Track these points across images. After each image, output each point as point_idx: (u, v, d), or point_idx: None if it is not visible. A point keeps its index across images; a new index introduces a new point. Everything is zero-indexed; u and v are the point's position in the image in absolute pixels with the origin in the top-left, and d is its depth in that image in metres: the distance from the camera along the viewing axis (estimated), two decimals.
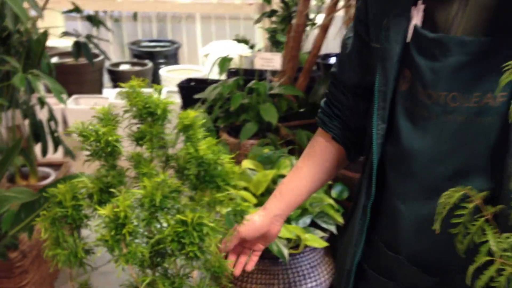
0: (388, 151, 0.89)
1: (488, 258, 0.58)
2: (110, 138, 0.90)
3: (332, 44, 3.19)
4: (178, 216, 0.85)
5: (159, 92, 0.94)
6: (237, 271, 1.06)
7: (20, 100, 1.84)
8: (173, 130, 0.96)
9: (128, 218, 0.84)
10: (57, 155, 2.32)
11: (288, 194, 1.03)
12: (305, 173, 1.03)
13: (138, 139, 0.93)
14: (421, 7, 0.81)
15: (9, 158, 1.38)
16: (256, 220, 1.01)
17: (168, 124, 0.96)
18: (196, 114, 0.92)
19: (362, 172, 0.99)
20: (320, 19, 2.32)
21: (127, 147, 0.94)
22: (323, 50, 3.16)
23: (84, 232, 0.93)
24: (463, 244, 0.63)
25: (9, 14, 1.30)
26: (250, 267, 1.08)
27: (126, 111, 0.92)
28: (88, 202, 0.90)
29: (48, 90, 2.62)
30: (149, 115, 0.93)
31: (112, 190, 0.90)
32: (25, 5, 1.33)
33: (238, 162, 1.53)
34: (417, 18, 0.81)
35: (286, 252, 1.31)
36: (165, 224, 0.87)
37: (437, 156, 0.81)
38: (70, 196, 0.89)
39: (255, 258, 1.06)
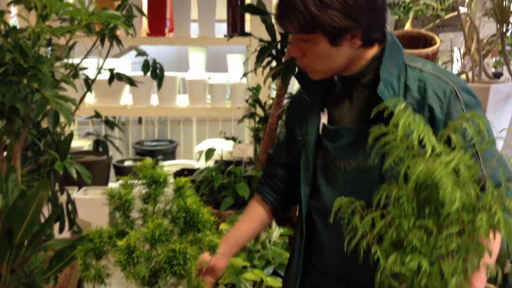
0: (315, 206, 1.34)
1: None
2: (128, 197, 1.35)
3: None
4: (170, 246, 1.28)
5: (161, 167, 1.41)
6: None
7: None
8: (170, 193, 1.40)
9: (136, 247, 1.27)
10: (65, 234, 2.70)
11: (230, 239, 1.44)
12: (243, 224, 1.46)
13: (146, 198, 1.39)
14: (325, 112, 1.31)
15: (42, 230, 1.77)
16: (205, 255, 1.39)
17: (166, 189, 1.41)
18: (186, 180, 1.38)
19: (296, 224, 1.44)
20: None
21: (138, 204, 1.38)
22: None
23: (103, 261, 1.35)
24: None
25: (50, 119, 1.75)
26: None
27: (138, 179, 1.39)
28: (109, 240, 1.34)
29: (63, 183, 3.08)
30: (154, 182, 1.39)
31: (126, 231, 1.33)
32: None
33: (218, 227, 1.97)
34: (324, 118, 1.31)
35: None
36: (160, 252, 1.30)
37: None
38: (98, 235, 1.33)
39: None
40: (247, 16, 3.35)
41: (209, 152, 2.48)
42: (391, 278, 0.93)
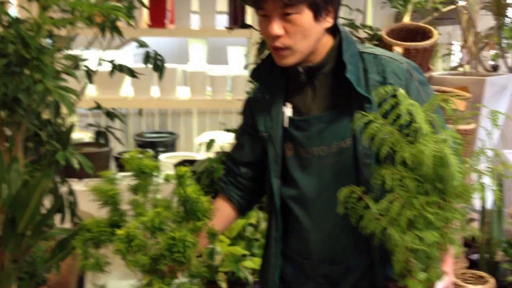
0: (291, 195, 1.37)
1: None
2: (111, 193, 1.38)
3: None
4: (170, 234, 1.31)
5: (149, 157, 1.44)
6: None
7: None
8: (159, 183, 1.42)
9: (135, 236, 1.30)
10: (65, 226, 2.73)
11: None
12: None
13: (135, 189, 1.41)
14: (289, 105, 1.35)
15: (45, 219, 1.79)
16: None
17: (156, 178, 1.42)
18: (186, 169, 1.40)
19: (269, 217, 1.46)
20: None
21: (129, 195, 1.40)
22: None
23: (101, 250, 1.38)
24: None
25: (52, 109, 1.76)
26: None
27: (128, 170, 1.41)
28: (107, 229, 1.36)
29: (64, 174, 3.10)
30: (142, 173, 1.41)
31: (119, 223, 1.36)
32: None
33: None
34: (288, 111, 1.35)
35: (250, 278, 1.76)
36: (160, 240, 1.32)
37: (321, 187, 1.31)
38: (95, 225, 1.35)
39: None
40: (248, 8, 3.36)
41: (211, 142, 2.52)
42: (409, 254, 1.04)
